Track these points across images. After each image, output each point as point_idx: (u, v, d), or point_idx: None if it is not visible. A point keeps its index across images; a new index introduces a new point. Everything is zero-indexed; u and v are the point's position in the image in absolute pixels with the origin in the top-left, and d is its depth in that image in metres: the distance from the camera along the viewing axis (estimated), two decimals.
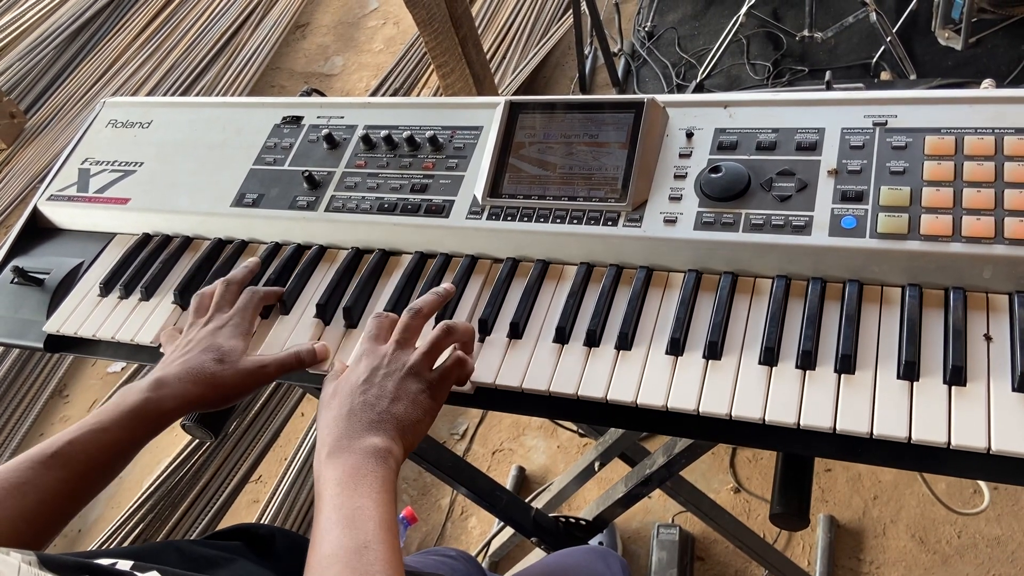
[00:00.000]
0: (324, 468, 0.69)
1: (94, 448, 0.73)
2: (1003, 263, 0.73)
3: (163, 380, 0.78)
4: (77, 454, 0.72)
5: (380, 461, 0.69)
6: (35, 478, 0.70)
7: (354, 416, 0.72)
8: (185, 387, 0.79)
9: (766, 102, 0.90)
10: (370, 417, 0.72)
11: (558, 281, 0.90)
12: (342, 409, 0.73)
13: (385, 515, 0.65)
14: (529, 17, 3.25)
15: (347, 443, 0.70)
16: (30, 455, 0.71)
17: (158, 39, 3.89)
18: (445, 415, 2.23)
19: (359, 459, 0.68)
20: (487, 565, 1.89)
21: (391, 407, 0.73)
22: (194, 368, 0.80)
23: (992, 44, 2.50)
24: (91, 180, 1.14)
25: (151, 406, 0.77)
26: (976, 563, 1.68)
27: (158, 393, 0.77)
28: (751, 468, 1.93)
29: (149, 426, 0.77)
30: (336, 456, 0.69)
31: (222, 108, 1.16)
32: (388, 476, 0.69)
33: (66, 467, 0.71)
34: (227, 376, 0.81)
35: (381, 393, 0.74)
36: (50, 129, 3.59)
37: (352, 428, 0.71)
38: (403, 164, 1.00)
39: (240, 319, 0.86)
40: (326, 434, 0.72)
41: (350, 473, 0.67)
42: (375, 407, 0.73)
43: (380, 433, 0.71)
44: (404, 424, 0.73)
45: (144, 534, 2.11)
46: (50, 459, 0.71)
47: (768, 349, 0.76)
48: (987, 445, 0.66)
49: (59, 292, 1.07)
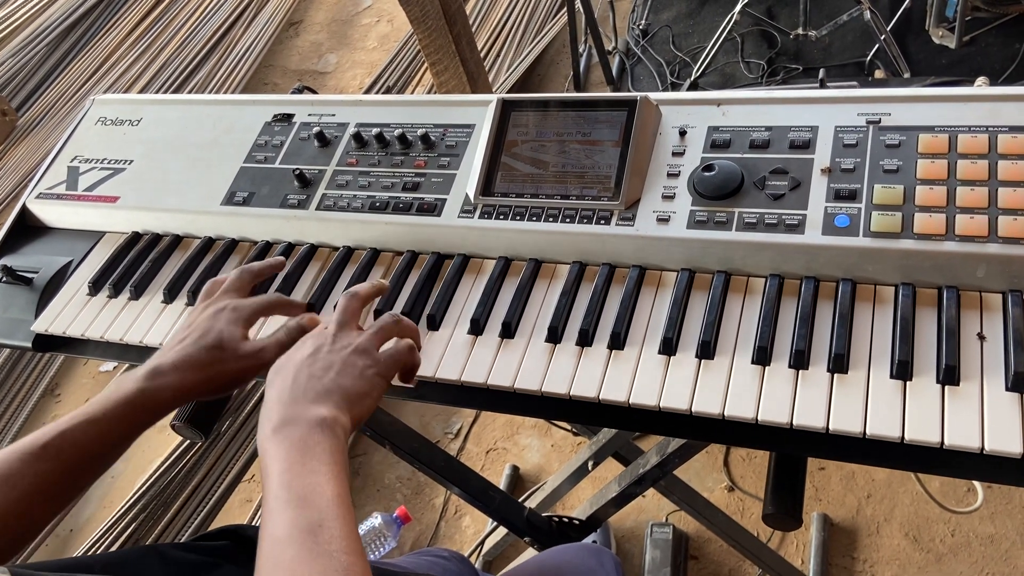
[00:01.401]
0: (269, 443, 0.66)
1: (86, 439, 0.71)
2: (997, 262, 0.73)
3: (159, 369, 0.76)
4: (68, 446, 0.70)
5: (328, 431, 0.67)
6: (25, 469, 0.68)
7: (298, 389, 0.70)
8: (181, 376, 0.76)
9: (759, 100, 0.90)
10: (315, 388, 0.70)
11: (551, 280, 0.89)
12: (286, 383, 0.71)
13: (337, 489, 0.62)
14: (523, 15, 3.24)
15: (291, 416, 0.67)
16: (20, 446, 0.70)
17: (150, 36, 3.87)
18: (439, 414, 2.23)
19: (305, 431, 0.66)
20: (480, 565, 1.89)
21: (337, 379, 0.71)
22: (191, 355, 0.77)
23: (986, 42, 2.50)
24: (80, 178, 1.13)
25: (146, 396, 0.75)
26: (970, 561, 1.68)
27: (153, 383, 0.75)
28: (745, 467, 1.93)
29: (144, 416, 0.75)
30: (281, 429, 0.66)
31: (212, 106, 1.16)
32: (337, 447, 0.66)
33: (57, 459, 0.70)
34: (227, 363, 0.78)
35: (327, 365, 0.72)
36: (42, 127, 3.57)
37: (296, 401, 0.69)
38: (395, 162, 1.00)
39: (243, 307, 0.83)
40: (271, 409, 0.69)
41: (298, 446, 0.65)
42: (321, 379, 0.71)
43: (326, 403, 0.69)
44: (351, 395, 0.71)
45: (136, 534, 2.10)
46: (40, 450, 0.69)
47: (761, 348, 0.75)
48: (980, 445, 0.65)
49: (48, 291, 1.06)
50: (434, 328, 0.89)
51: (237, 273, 0.87)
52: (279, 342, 0.82)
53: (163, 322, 0.98)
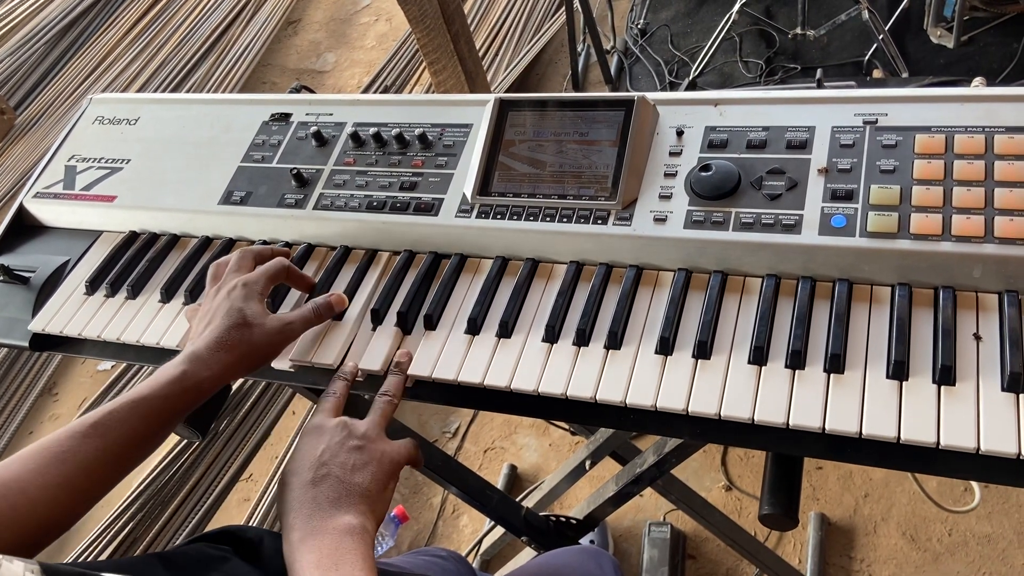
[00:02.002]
0: (298, 554, 0.67)
1: (134, 418, 0.73)
2: (993, 262, 0.73)
3: (197, 353, 0.77)
4: (116, 424, 0.72)
5: (358, 539, 0.67)
6: (75, 447, 0.70)
7: (320, 495, 0.70)
8: (219, 356, 0.78)
9: (756, 100, 0.90)
10: (339, 493, 0.71)
11: (547, 280, 0.89)
12: (305, 488, 0.71)
13: None
14: (522, 14, 3.24)
15: (319, 524, 0.68)
16: (71, 427, 0.72)
17: (149, 35, 3.86)
18: (436, 413, 2.23)
19: (336, 540, 0.67)
20: (478, 564, 1.89)
21: (356, 477, 0.72)
22: (222, 336, 0.79)
23: (984, 42, 2.50)
24: (77, 177, 1.13)
25: (188, 378, 0.76)
26: (967, 561, 1.68)
27: (194, 366, 0.77)
28: (743, 466, 1.93)
29: (188, 397, 0.76)
30: (309, 540, 0.67)
31: (210, 105, 1.16)
32: (367, 553, 0.67)
33: (105, 436, 0.71)
34: (256, 338, 0.80)
35: (344, 464, 0.73)
36: (39, 126, 3.57)
37: (321, 508, 0.69)
38: (392, 162, 1.00)
39: (253, 280, 0.84)
40: (292, 517, 0.70)
41: (328, 554, 0.65)
42: (341, 480, 0.71)
43: (351, 509, 0.70)
44: (372, 495, 0.72)
45: (134, 533, 2.10)
46: (90, 428, 0.71)
47: (757, 348, 0.75)
48: (976, 445, 0.66)
49: (45, 290, 1.06)
50: (431, 328, 0.89)
51: (239, 254, 0.88)
52: (305, 318, 0.85)
53: (160, 321, 0.98)
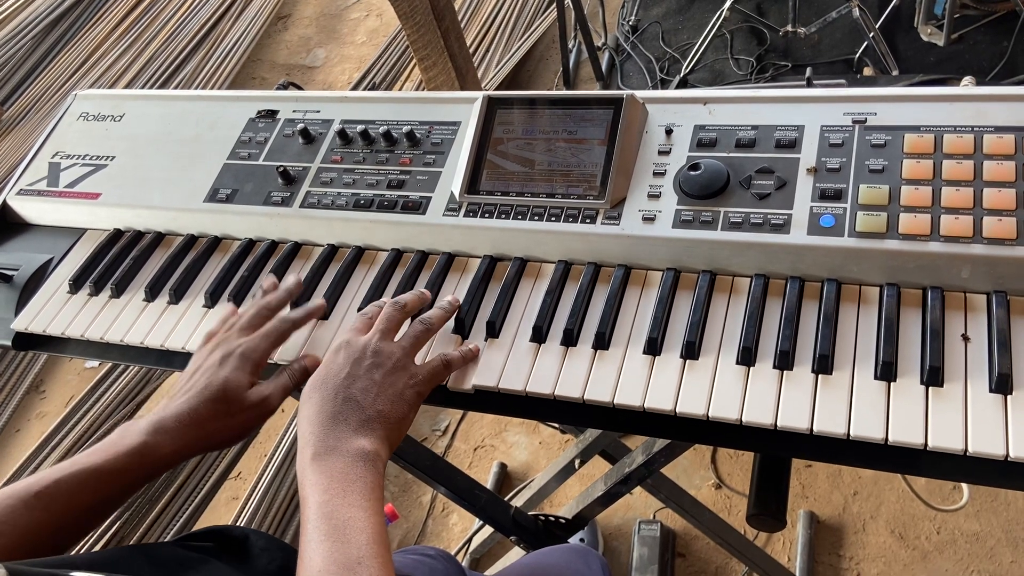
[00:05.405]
0: (309, 470, 0.66)
1: (82, 491, 0.69)
2: (981, 263, 0.73)
3: (163, 424, 0.74)
4: (61, 495, 0.68)
5: (369, 465, 0.66)
6: (13, 517, 0.66)
7: (340, 415, 0.69)
8: (184, 432, 0.74)
9: (745, 99, 0.90)
10: (358, 416, 0.69)
11: (535, 279, 0.89)
12: (325, 405, 0.70)
13: (377, 526, 0.62)
14: (512, 11, 3.23)
15: (334, 444, 0.67)
16: (15, 490, 0.67)
17: (137, 30, 3.83)
18: (426, 412, 2.22)
19: (347, 463, 0.66)
20: (467, 563, 1.88)
21: (377, 403, 0.71)
22: (194, 409, 0.75)
23: (974, 40, 2.51)
24: (62, 174, 1.12)
25: (148, 451, 0.72)
26: (955, 559, 1.69)
27: (155, 439, 0.73)
28: (732, 464, 1.93)
29: (145, 471, 0.73)
30: (322, 458, 0.66)
31: (196, 101, 1.14)
32: (377, 481, 0.66)
33: (48, 509, 0.67)
34: (229, 416, 0.76)
35: (367, 387, 0.72)
36: (26, 121, 3.54)
37: (338, 427, 0.68)
38: (380, 160, 0.99)
39: (252, 349, 0.79)
40: (309, 432, 0.69)
41: (338, 478, 0.65)
42: (362, 404, 0.70)
43: (368, 434, 0.69)
44: (391, 422, 0.71)
45: (121, 532, 2.09)
46: (33, 499, 0.67)
47: (746, 349, 0.75)
48: (964, 447, 0.65)
49: (28, 289, 1.05)
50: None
51: (255, 311, 0.84)
52: (284, 387, 0.80)
53: (144, 320, 0.97)
